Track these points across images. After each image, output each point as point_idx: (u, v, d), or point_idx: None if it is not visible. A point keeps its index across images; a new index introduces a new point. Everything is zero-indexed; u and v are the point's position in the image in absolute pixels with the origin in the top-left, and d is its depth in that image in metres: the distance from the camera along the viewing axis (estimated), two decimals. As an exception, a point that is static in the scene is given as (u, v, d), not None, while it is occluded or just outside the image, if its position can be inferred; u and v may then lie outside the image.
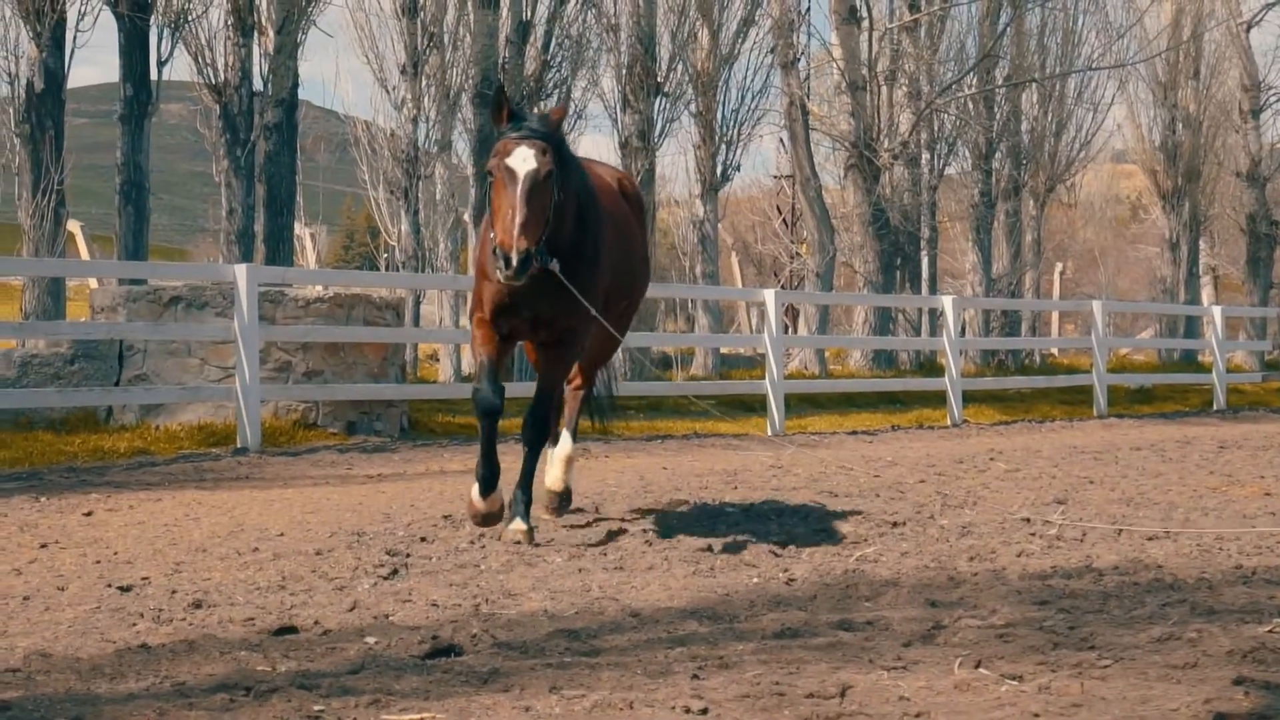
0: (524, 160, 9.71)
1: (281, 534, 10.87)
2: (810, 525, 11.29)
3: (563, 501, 11.84)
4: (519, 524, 10.50)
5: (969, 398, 27.82)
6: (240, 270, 17.96)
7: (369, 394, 19.41)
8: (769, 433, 22.88)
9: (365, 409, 19.62)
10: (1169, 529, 11.00)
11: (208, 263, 36.73)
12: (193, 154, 25.10)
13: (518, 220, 9.48)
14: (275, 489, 14.23)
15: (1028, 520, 11.54)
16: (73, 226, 26.43)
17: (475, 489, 10.74)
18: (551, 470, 11.82)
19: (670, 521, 11.69)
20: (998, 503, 12.82)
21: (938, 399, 26.70)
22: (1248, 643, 6.48)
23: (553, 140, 9.94)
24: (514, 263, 9.39)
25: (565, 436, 12.05)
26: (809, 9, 50.47)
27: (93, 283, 26.51)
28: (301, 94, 27.85)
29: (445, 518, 11.64)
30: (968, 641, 6.71)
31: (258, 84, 26.91)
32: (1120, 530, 10.91)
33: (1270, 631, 6.78)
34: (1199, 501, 12.98)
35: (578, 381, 12.39)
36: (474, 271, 11.13)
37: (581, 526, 11.55)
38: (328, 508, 12.60)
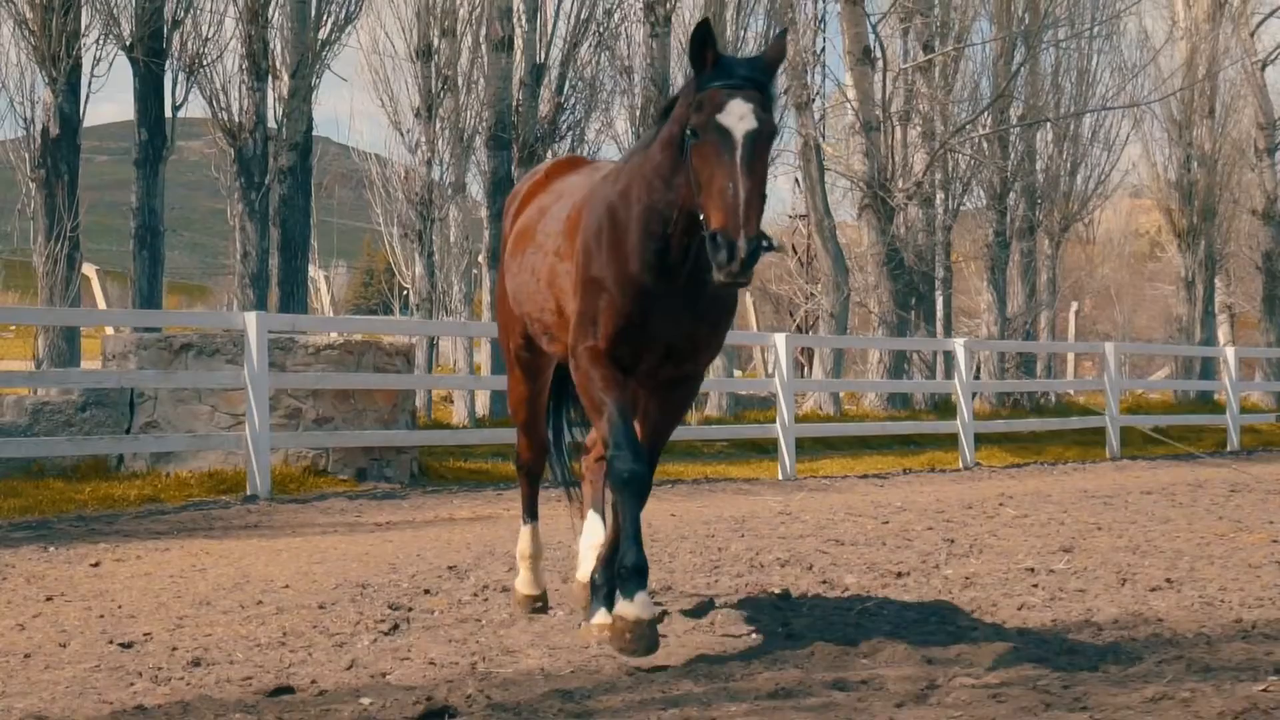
0: (743, 118, 7.64)
1: (286, 586, 10.90)
2: (814, 575, 11.29)
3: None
4: (636, 611, 7.85)
5: (982, 439, 27.79)
6: (250, 318, 18.03)
7: (379, 440, 19.45)
8: (780, 477, 22.88)
9: (375, 455, 19.66)
10: (1172, 578, 11.01)
11: (218, 310, 36.81)
12: (214, 191, 25.20)
13: (743, 195, 7.41)
14: (283, 538, 14.27)
15: (1032, 570, 11.55)
16: (88, 270, 26.56)
17: (612, 605, 8.35)
18: (585, 561, 9.51)
19: (673, 568, 11.71)
20: (1004, 551, 12.83)
21: (951, 440, 26.70)
22: (1240, 703, 6.49)
23: (770, 94, 7.89)
24: (742, 252, 7.27)
25: (595, 520, 9.60)
26: (824, 49, 50.67)
27: (108, 328, 26.58)
28: (320, 131, 27.99)
29: (450, 568, 11.65)
30: (960, 702, 6.72)
31: (272, 126, 27.02)
32: (1124, 581, 10.92)
33: (1264, 690, 6.78)
34: (1205, 549, 12.98)
35: (599, 450, 9.67)
36: (575, 285, 8.58)
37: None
38: (334, 558, 12.63)
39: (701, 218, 7.51)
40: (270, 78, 26.78)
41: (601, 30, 31.43)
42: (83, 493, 17.18)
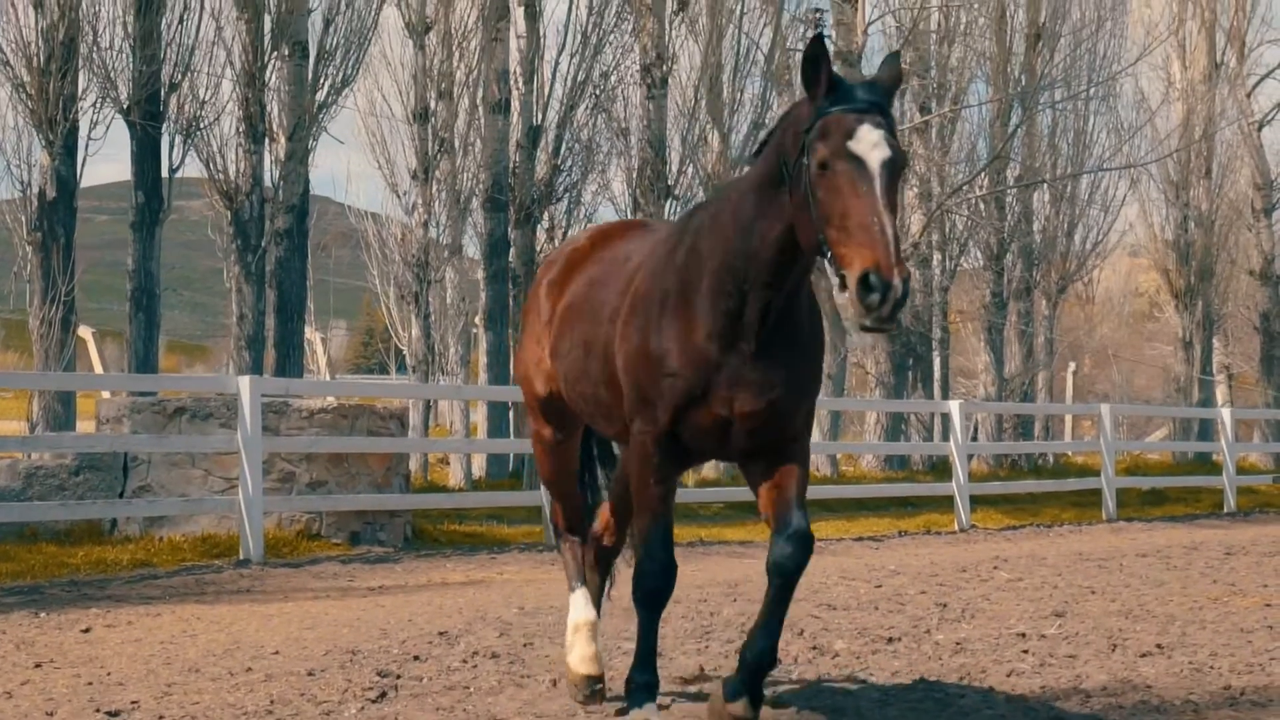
0: (877, 146, 6.92)
1: (276, 652, 10.88)
2: (805, 641, 11.27)
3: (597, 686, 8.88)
4: None
5: (978, 501, 27.77)
6: (244, 382, 18.06)
7: (372, 504, 19.45)
8: None
9: (369, 519, 19.65)
10: (1163, 644, 11.00)
11: (218, 371, 36.87)
12: (214, 251, 25.26)
13: (890, 230, 6.69)
14: (275, 603, 14.25)
15: (1023, 635, 11.53)
16: (84, 332, 26.59)
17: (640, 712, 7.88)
18: (579, 647, 8.93)
19: (664, 634, 11.69)
20: (995, 615, 12.81)
21: (947, 502, 26.68)
22: (1224, 773, 6.48)
23: (894, 119, 7.21)
24: (897, 293, 6.57)
25: (581, 597, 9.21)
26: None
27: (103, 391, 26.61)
28: (320, 190, 28.10)
29: (440, 634, 11.62)
30: (944, 773, 6.72)
31: (269, 185, 27.09)
32: (1114, 646, 10.90)
33: (1249, 760, 6.78)
34: (1198, 614, 12.96)
35: (609, 536, 9.40)
36: (632, 360, 7.79)
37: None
38: (326, 623, 12.61)
39: (829, 256, 6.80)
40: (267, 140, 26.84)
41: (598, 92, 31.55)
42: (75, 557, 17.16)
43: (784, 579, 7.67)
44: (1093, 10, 40.66)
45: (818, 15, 48.35)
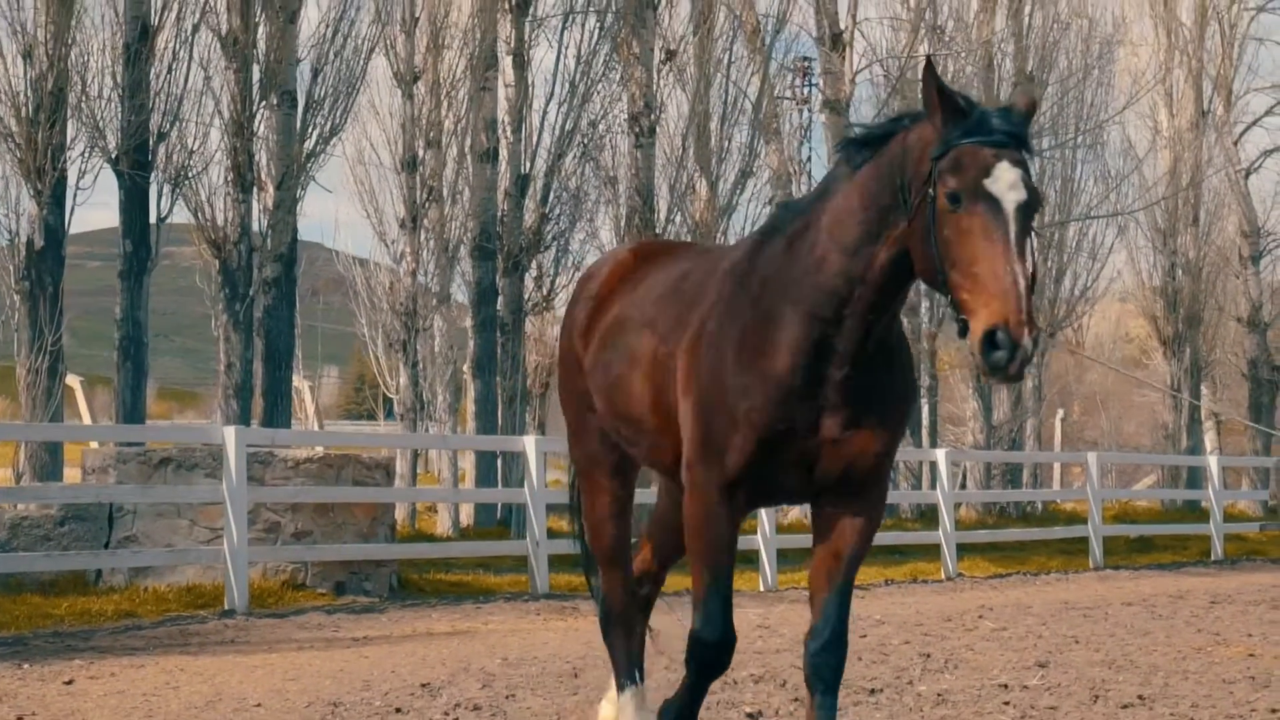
0: (1014, 187, 6.45)
1: (259, 705, 10.87)
2: (787, 693, 11.27)
3: None
4: None
5: (965, 549, 27.77)
6: (229, 433, 18.08)
7: (358, 554, 19.45)
8: (761, 588, 22.85)
9: (354, 569, 19.63)
10: (1145, 695, 11.01)
11: (208, 418, 36.91)
12: (206, 296, 25.47)
13: (1023, 283, 6.25)
14: (259, 654, 14.23)
15: (1005, 686, 11.54)
16: (71, 381, 26.53)
17: None
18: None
19: (646, 686, 11.67)
20: (979, 666, 12.82)
21: (934, 550, 26.68)
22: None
23: (1032, 154, 6.74)
24: (1027, 352, 6.19)
25: (632, 701, 8.75)
26: (809, 158, 50.97)
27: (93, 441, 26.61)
28: (311, 236, 28.13)
29: (423, 685, 11.62)
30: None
31: (257, 231, 27.14)
32: (1096, 697, 10.91)
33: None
34: (1181, 664, 12.99)
35: (651, 584, 9.08)
36: (696, 392, 7.25)
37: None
38: (309, 674, 12.60)
39: (950, 300, 6.43)
40: (255, 189, 26.90)
41: (586, 141, 31.68)
42: (60, 608, 17.13)
43: (825, 685, 7.31)
44: (1080, 59, 40.86)
45: (806, 64, 48.78)
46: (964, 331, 6.33)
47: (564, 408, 8.83)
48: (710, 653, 7.27)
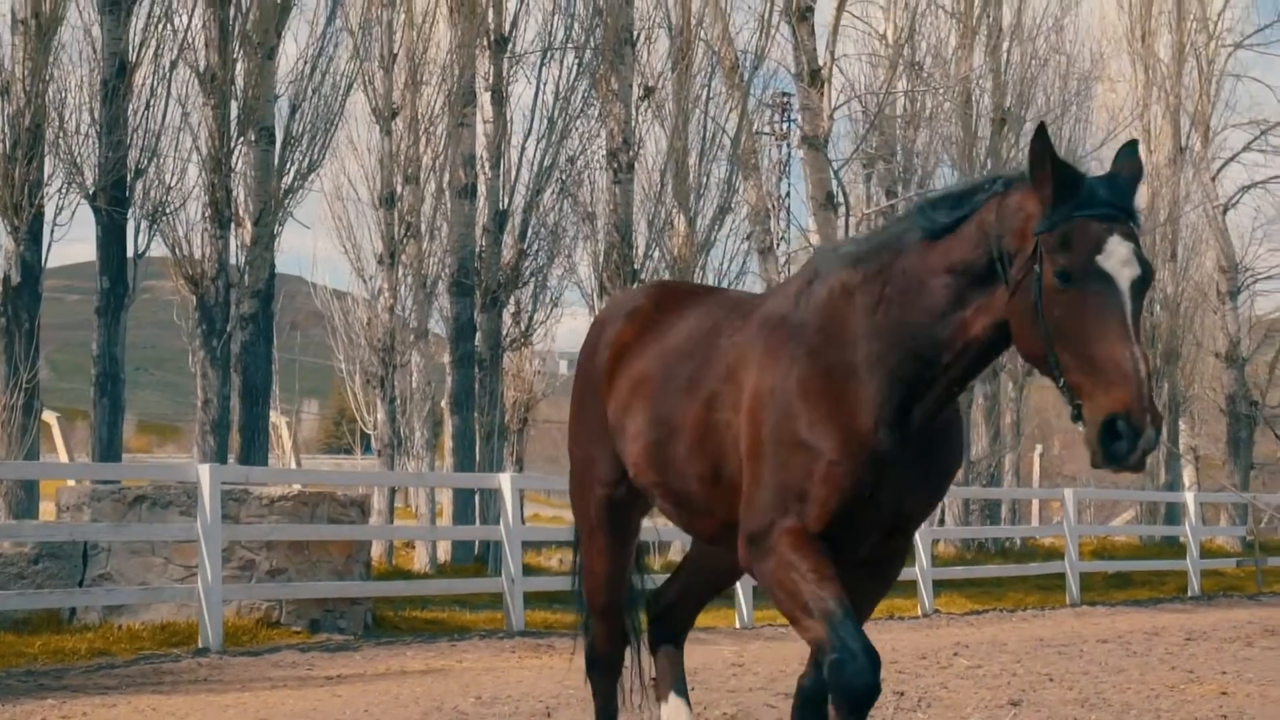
0: (1128, 263, 6.16)
1: (228, 745, 10.86)
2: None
3: None
4: None
5: (942, 585, 27.77)
6: (203, 470, 18.06)
7: (333, 592, 19.42)
8: (737, 625, 22.84)
9: (329, 607, 19.60)
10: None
11: (189, 452, 36.89)
12: (183, 332, 25.43)
13: (1144, 369, 5.94)
14: (232, 693, 14.20)
15: (976, 727, 11.56)
16: (48, 417, 26.55)
17: None
18: None
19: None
20: (952, 704, 12.83)
21: (912, 587, 26.65)
22: None
23: (1139, 227, 6.45)
24: (1149, 444, 5.91)
25: (679, 707, 8.65)
26: (788, 194, 51.14)
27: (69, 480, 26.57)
28: (292, 270, 28.13)
29: (394, 726, 11.60)
30: None
31: (235, 270, 27.13)
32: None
33: None
34: (1154, 702, 13.01)
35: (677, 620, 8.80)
36: (759, 446, 6.90)
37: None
38: (282, 714, 12.58)
39: (1062, 382, 6.13)
40: (233, 225, 26.90)
41: (564, 177, 31.74)
42: (33, 646, 17.07)
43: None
44: (1058, 95, 41.06)
45: (785, 99, 48.87)
46: (1078, 416, 6.06)
47: (573, 454, 8.54)
48: (866, 684, 6.38)
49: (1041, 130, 6.29)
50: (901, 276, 6.66)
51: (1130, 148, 6.61)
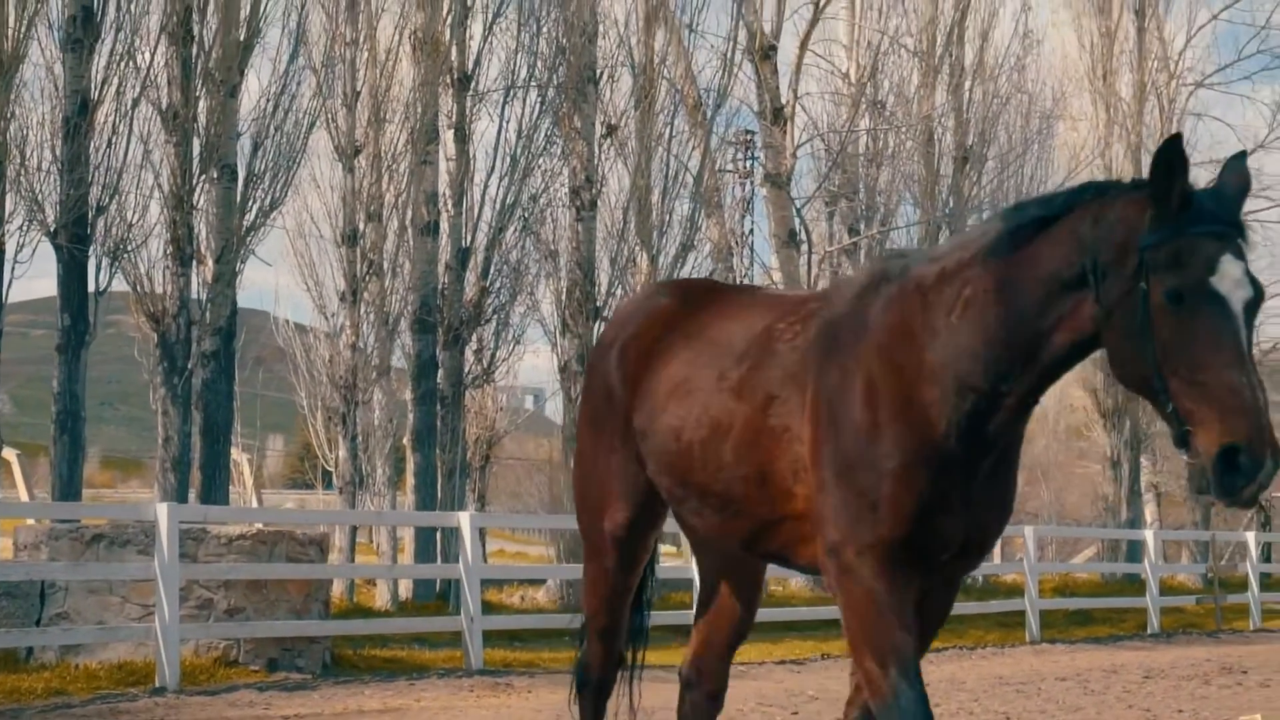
0: (1240, 284, 5.89)
1: (181, 786, 10.84)
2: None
3: None
4: None
5: (903, 623, 27.76)
6: (161, 509, 18.03)
7: (291, 631, 19.36)
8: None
9: (287, 646, 19.54)
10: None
11: (146, 490, 36.83)
12: (145, 369, 25.45)
13: (1261, 397, 5.68)
14: (187, 733, 14.19)
15: (929, 768, 11.56)
16: (8, 454, 26.54)
17: None
18: None
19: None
20: (906, 746, 12.83)
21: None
22: None
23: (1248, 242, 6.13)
24: (1268, 474, 5.62)
25: None
26: (751, 231, 51.29)
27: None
28: (257, 304, 28.14)
29: (348, 767, 11.59)
30: None
31: (196, 307, 27.13)
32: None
33: None
34: (1107, 743, 13.07)
35: (711, 681, 8.54)
36: (828, 454, 6.61)
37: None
38: (236, 754, 12.57)
39: (1170, 408, 5.83)
40: (195, 262, 26.91)
41: (527, 215, 31.80)
42: (-11, 685, 17.04)
43: None
44: (1020, 134, 41.25)
45: (749, 136, 49.01)
46: (1183, 441, 5.80)
47: (585, 470, 8.22)
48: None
49: (1176, 140, 5.99)
50: (981, 279, 6.42)
51: (1239, 158, 6.39)
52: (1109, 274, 6.05)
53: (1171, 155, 5.92)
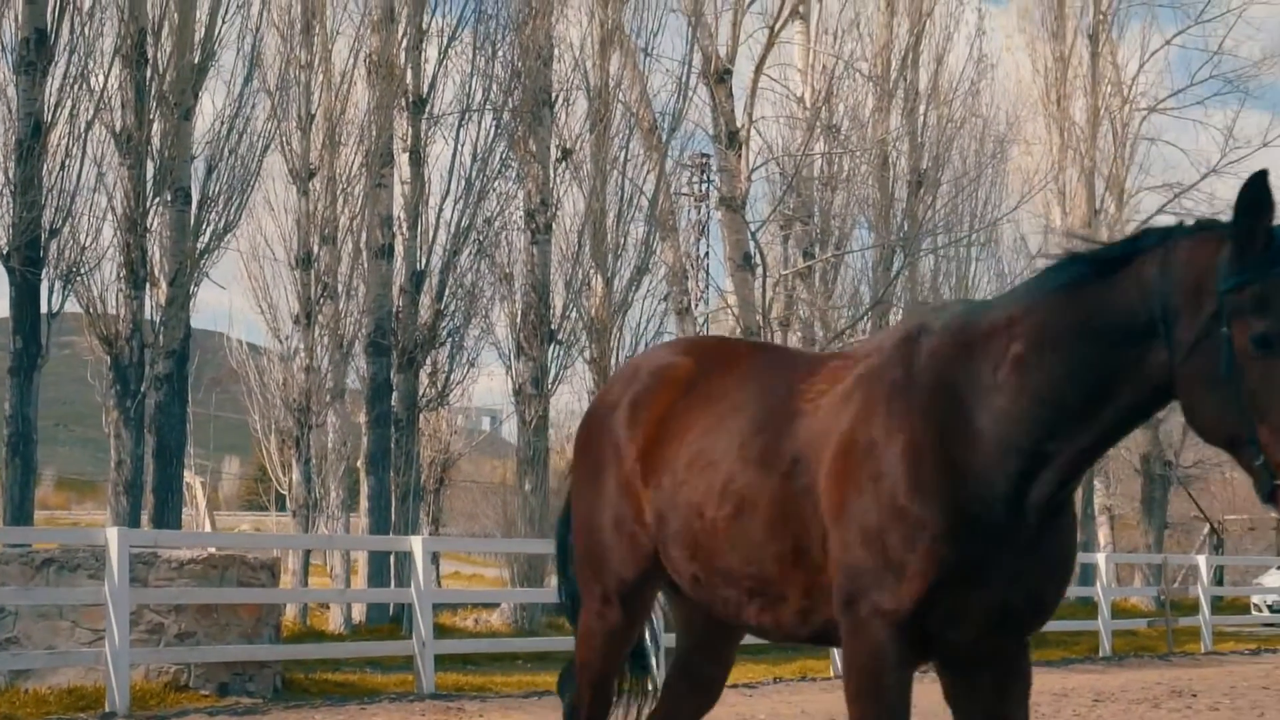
0: None
1: (128, 813, 10.83)
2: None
3: None
4: None
5: (856, 646, 27.72)
6: (112, 534, 18.00)
7: (241, 655, 19.33)
8: (650, 687, 22.84)
9: (238, 670, 19.51)
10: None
11: (81, 526, 36.73)
12: (98, 392, 25.36)
13: None
14: (136, 758, 14.16)
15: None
16: (-41, 477, 26.37)
17: None
18: None
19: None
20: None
21: (825, 647, 26.69)
22: None
23: None
24: None
25: None
26: (706, 255, 51.36)
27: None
28: (215, 326, 28.11)
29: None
30: None
31: (150, 329, 27.08)
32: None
33: None
34: (1054, 768, 13.13)
35: None
36: (853, 517, 6.25)
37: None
38: (184, 780, 12.56)
39: (1261, 461, 5.47)
40: (148, 285, 26.86)
41: (482, 238, 31.81)
42: (-62, 711, 16.98)
43: None
44: (974, 158, 41.44)
45: (704, 159, 49.13)
46: (1273, 497, 5.47)
47: (585, 524, 7.82)
48: None
49: (1261, 177, 5.58)
50: (1035, 332, 6.03)
51: None
52: (1181, 320, 5.68)
53: (1257, 193, 5.54)
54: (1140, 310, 5.75)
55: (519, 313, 32.14)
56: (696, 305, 37.17)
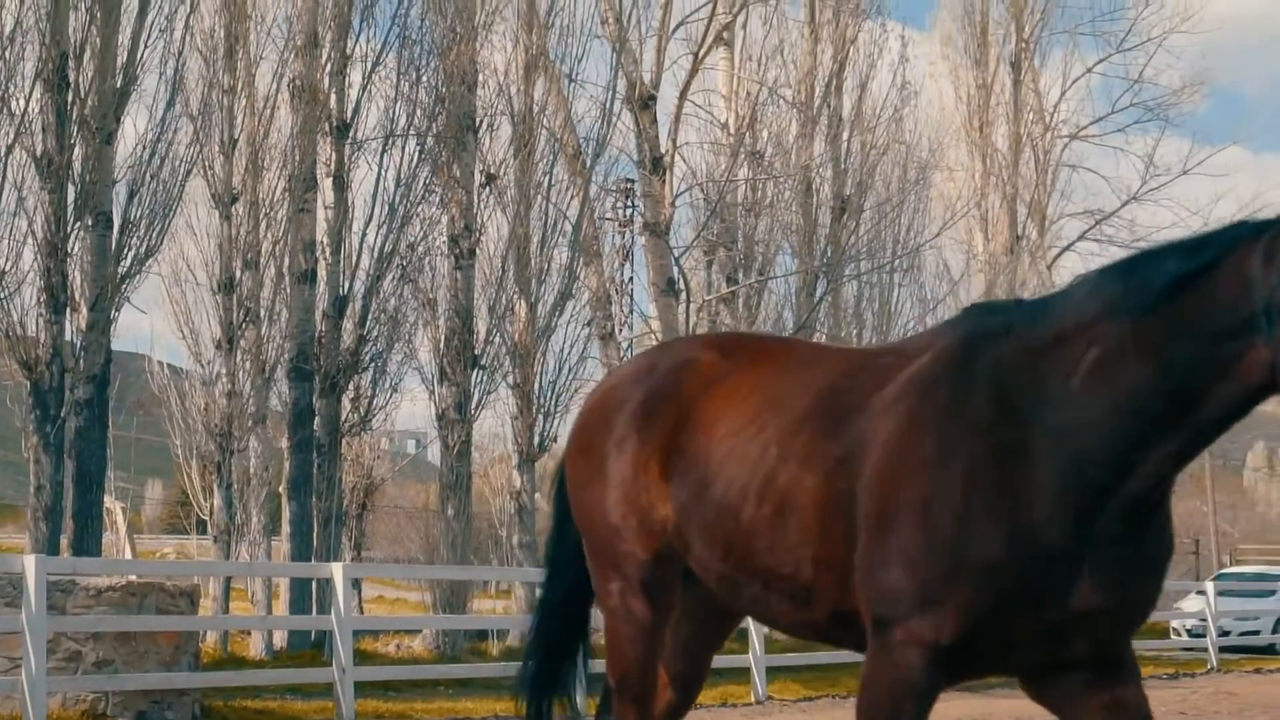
0: None
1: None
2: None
3: None
4: None
5: (776, 671, 27.72)
6: (29, 562, 17.87)
7: (160, 683, 19.23)
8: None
9: (156, 698, 19.40)
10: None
11: (20, 537, 36.49)
12: (17, 417, 25.30)
13: None
14: (51, 788, 14.09)
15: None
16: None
17: None
18: None
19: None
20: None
21: (745, 673, 26.70)
22: None
23: None
24: None
25: None
26: (630, 280, 51.42)
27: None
28: (137, 347, 27.96)
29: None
30: None
31: (70, 354, 26.93)
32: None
33: None
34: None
35: None
36: (892, 528, 6.03)
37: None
38: (99, 811, 12.50)
39: None
40: (69, 310, 26.72)
41: (405, 263, 31.79)
42: None
43: None
44: (897, 184, 41.61)
45: (629, 184, 49.21)
46: None
47: (592, 529, 7.55)
48: None
49: None
50: (1115, 338, 5.77)
51: None
52: None
53: None
54: (1242, 305, 5.50)
55: (442, 338, 32.13)
56: (620, 330, 37.27)
